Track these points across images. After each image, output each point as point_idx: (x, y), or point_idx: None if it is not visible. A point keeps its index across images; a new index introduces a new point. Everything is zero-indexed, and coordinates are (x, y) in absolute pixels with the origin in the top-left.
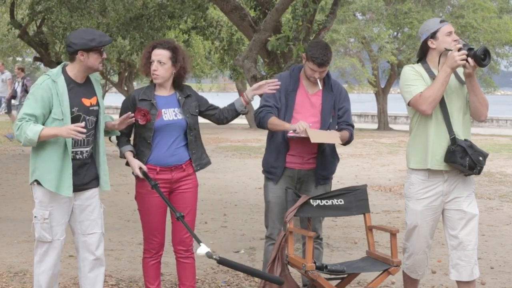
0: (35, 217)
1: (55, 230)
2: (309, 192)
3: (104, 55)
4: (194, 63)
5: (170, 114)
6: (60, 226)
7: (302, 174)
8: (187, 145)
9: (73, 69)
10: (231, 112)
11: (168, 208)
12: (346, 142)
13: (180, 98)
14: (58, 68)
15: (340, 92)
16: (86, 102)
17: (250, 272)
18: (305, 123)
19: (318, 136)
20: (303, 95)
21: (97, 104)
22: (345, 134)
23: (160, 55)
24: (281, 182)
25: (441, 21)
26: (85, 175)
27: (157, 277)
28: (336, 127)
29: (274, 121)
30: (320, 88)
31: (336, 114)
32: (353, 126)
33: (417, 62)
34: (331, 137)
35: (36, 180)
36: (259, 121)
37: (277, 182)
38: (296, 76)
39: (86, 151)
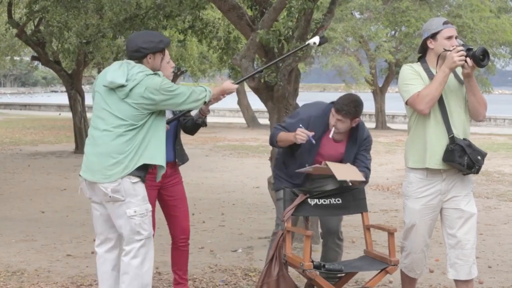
0: (141, 214)
1: None
2: None
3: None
4: (187, 65)
5: (168, 113)
6: None
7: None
8: (175, 142)
9: None
10: (191, 121)
11: (158, 206)
12: (364, 183)
13: None
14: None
15: (363, 142)
16: None
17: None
18: (305, 131)
19: (343, 173)
20: (328, 141)
21: None
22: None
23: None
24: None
25: (444, 23)
26: None
27: None
28: None
29: (282, 136)
30: (330, 136)
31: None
32: (370, 167)
33: (418, 59)
34: (354, 173)
35: (133, 175)
36: (270, 139)
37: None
38: (326, 120)
39: None
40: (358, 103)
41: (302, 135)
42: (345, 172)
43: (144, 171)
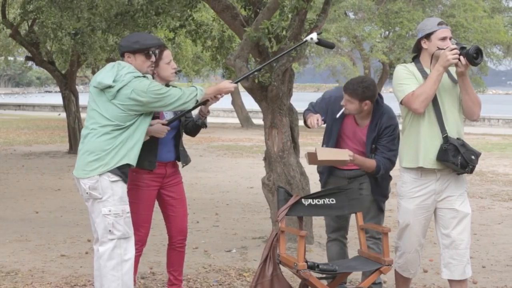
0: (116, 214)
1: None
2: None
3: (153, 59)
4: (181, 66)
5: (169, 114)
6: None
7: (352, 174)
8: (177, 143)
9: None
10: (191, 123)
11: (157, 205)
12: (375, 173)
13: None
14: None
15: (383, 131)
16: None
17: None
18: (315, 116)
19: (326, 154)
20: (352, 127)
21: None
22: (368, 162)
23: (170, 55)
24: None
25: (439, 23)
26: None
27: (135, 269)
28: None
29: (307, 117)
30: (337, 117)
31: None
32: (391, 159)
33: (412, 59)
34: (340, 154)
35: (113, 173)
36: (304, 120)
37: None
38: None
39: None
40: (367, 84)
41: (312, 118)
42: (329, 153)
43: (126, 171)
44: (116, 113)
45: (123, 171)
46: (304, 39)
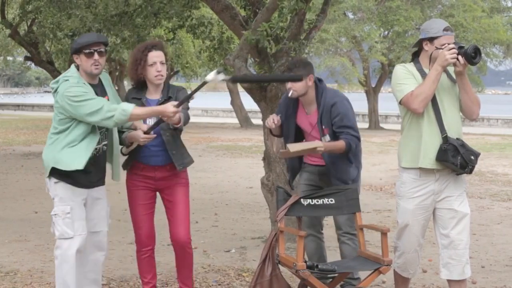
0: (55, 215)
1: (77, 225)
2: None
3: (96, 56)
4: (184, 61)
5: (153, 119)
6: (80, 221)
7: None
8: (166, 147)
9: (81, 72)
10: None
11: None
12: (347, 150)
13: (160, 99)
14: (76, 72)
15: (331, 109)
16: None
17: (265, 79)
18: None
19: (296, 146)
20: (302, 117)
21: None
22: (338, 144)
23: (160, 56)
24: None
25: (445, 29)
26: (95, 172)
27: (149, 271)
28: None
29: None
30: (290, 95)
31: (331, 130)
32: (353, 133)
33: (412, 58)
34: (309, 144)
35: (53, 176)
36: None
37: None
38: (295, 98)
39: (99, 148)
40: (305, 60)
41: (268, 119)
42: (300, 145)
43: (63, 173)
44: (56, 117)
45: (60, 173)
46: (204, 80)
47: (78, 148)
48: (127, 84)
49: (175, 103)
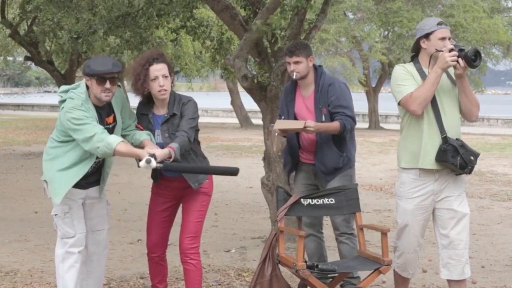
0: (55, 215)
1: (76, 224)
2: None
3: (107, 85)
4: (183, 63)
5: (159, 137)
6: (80, 220)
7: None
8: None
9: (90, 93)
10: None
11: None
12: (342, 131)
13: (166, 115)
14: (85, 92)
15: (328, 88)
16: (108, 120)
17: (198, 170)
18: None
19: (283, 124)
20: (300, 102)
21: (114, 120)
22: (332, 125)
23: (163, 69)
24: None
25: (439, 23)
26: (93, 175)
27: (157, 275)
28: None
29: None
30: (294, 77)
31: (328, 110)
32: (349, 114)
33: (411, 58)
34: (296, 123)
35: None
36: None
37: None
38: (294, 85)
39: (96, 163)
40: (304, 42)
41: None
42: (288, 123)
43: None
44: (60, 127)
45: None
46: (139, 165)
47: (70, 172)
48: (127, 84)
49: (154, 152)
